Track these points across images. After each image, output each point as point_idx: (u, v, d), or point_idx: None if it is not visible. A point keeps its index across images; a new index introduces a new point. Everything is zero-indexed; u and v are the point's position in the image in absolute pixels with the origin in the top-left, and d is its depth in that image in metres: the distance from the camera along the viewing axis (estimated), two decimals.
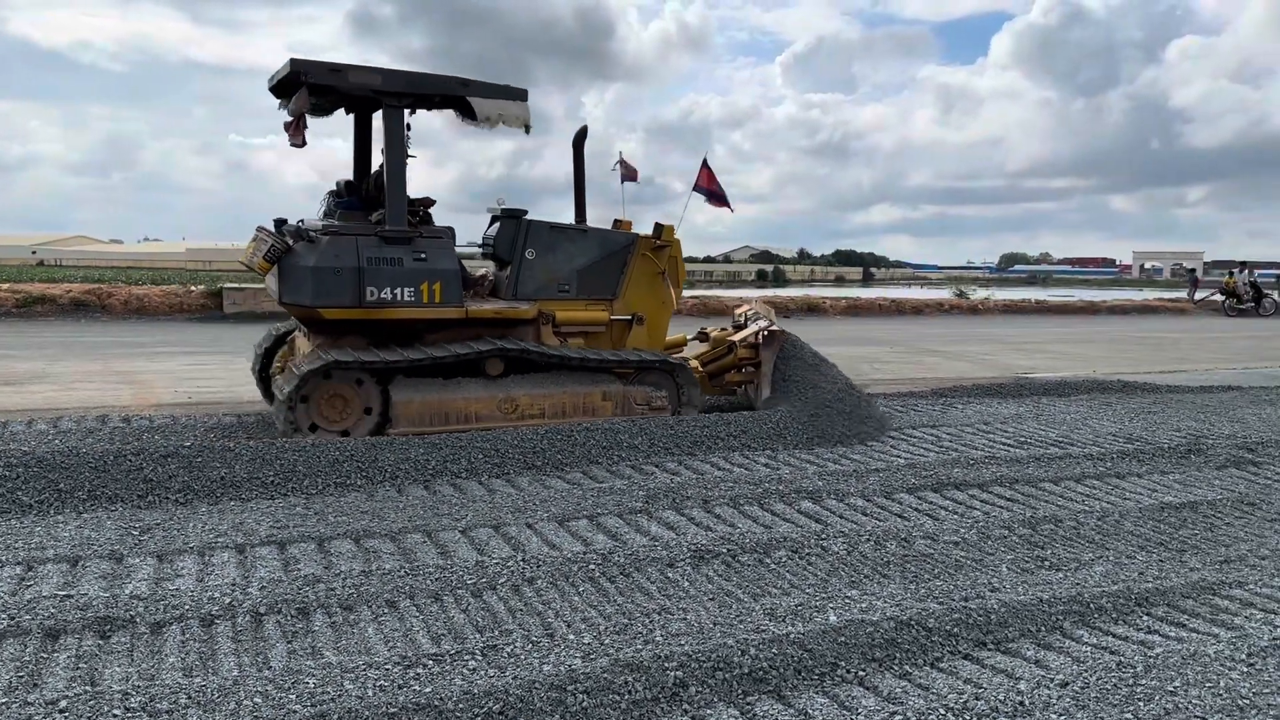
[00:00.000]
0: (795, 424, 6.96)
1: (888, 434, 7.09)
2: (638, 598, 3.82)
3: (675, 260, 7.62)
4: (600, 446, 6.13)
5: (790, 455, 6.39)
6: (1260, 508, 5.41)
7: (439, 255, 6.52)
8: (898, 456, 6.43)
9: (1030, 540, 4.76)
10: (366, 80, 6.30)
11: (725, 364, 8.12)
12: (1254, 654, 3.37)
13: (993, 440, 6.98)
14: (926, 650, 3.41)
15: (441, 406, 6.48)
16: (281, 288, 6.21)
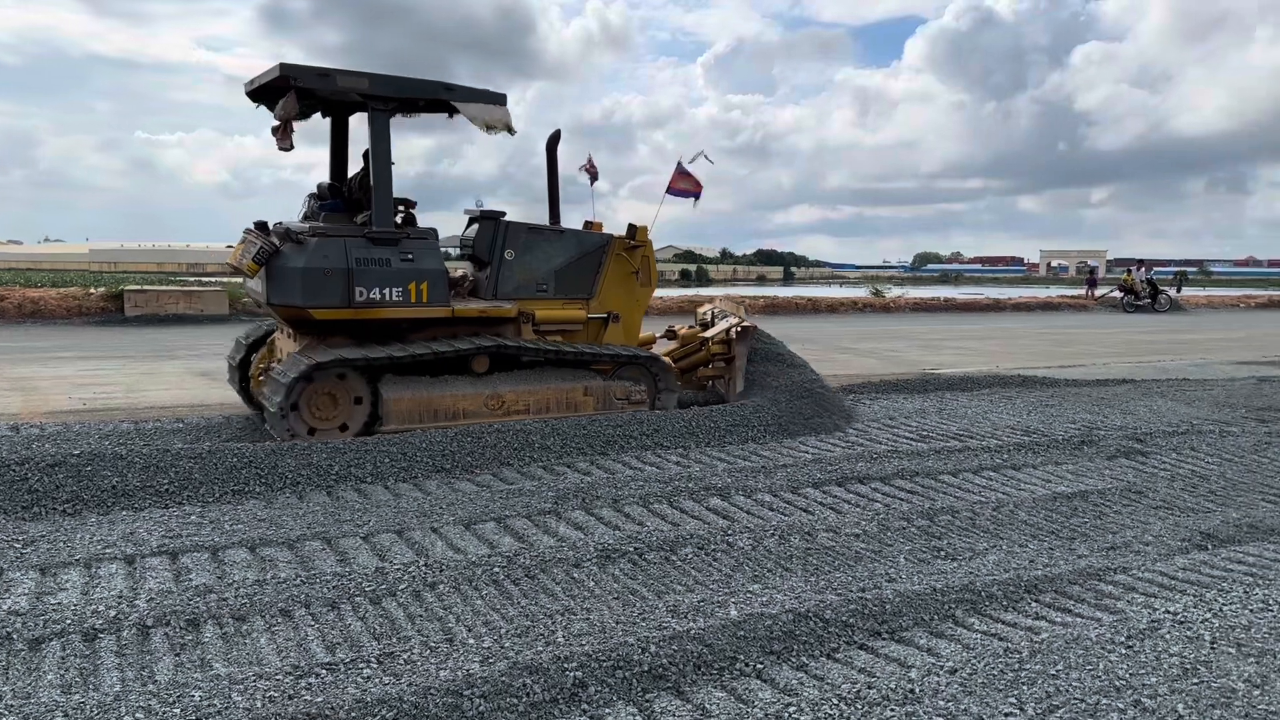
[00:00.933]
0: (768, 414, 7.26)
1: (800, 431, 7.19)
2: (542, 599, 3.81)
3: (648, 260, 7.86)
4: (511, 448, 6.09)
5: (702, 453, 6.44)
6: (1146, 495, 5.65)
7: (425, 256, 6.66)
8: (805, 452, 6.53)
9: (928, 531, 4.88)
10: (354, 84, 6.38)
11: (697, 359, 8.36)
12: (1133, 636, 3.52)
13: (896, 435, 7.14)
14: (823, 641, 3.48)
15: (430, 404, 6.62)
16: (269, 289, 6.29)
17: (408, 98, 6.62)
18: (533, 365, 7.15)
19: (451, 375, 6.84)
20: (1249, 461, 6.50)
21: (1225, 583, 4.15)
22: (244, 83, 6.87)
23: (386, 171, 6.52)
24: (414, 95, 6.62)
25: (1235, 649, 3.41)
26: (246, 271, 6.34)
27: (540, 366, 7.17)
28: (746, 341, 8.15)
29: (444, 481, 5.57)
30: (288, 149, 6.56)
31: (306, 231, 6.37)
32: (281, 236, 6.36)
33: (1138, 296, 25.31)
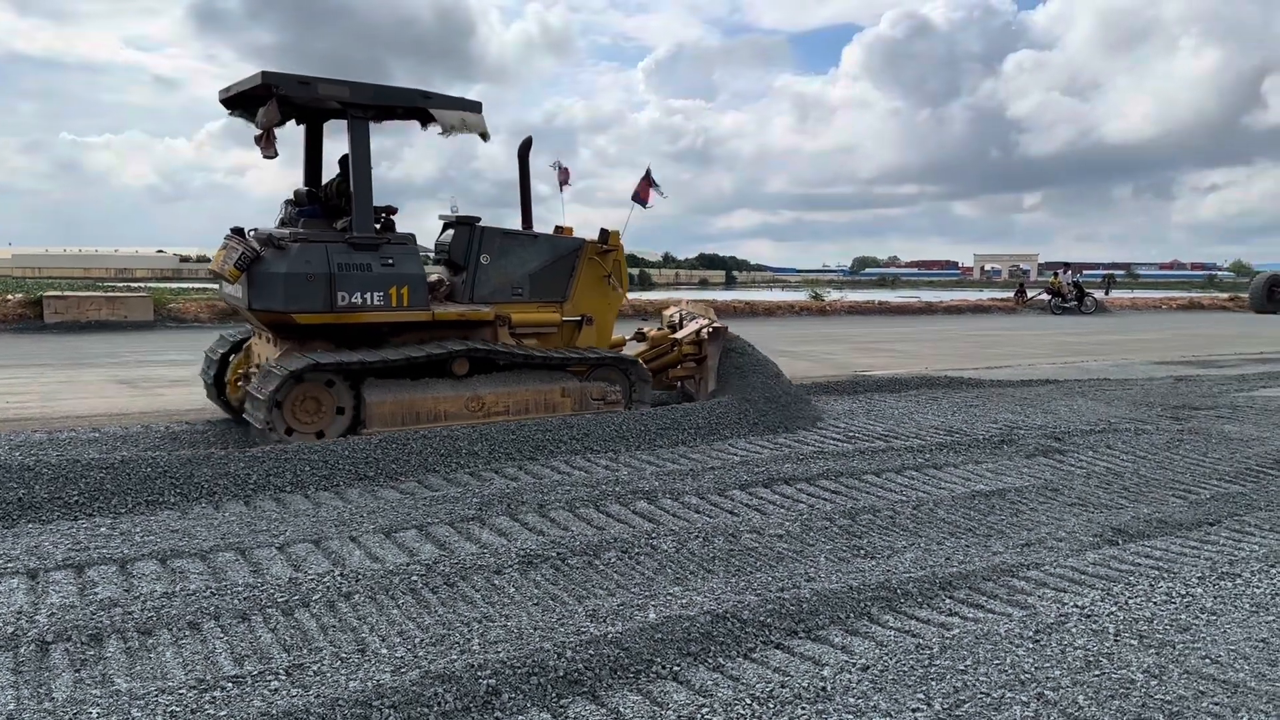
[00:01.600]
0: (741, 412, 7.51)
1: (763, 430, 7.23)
2: (460, 607, 3.77)
3: (619, 264, 8.06)
4: (438, 454, 6.03)
5: (632, 456, 6.44)
6: (1062, 493, 5.79)
7: (405, 260, 6.77)
8: (733, 454, 6.57)
9: (849, 531, 4.94)
10: (335, 93, 6.48)
11: (668, 360, 8.56)
12: (1040, 630, 3.60)
13: (824, 435, 7.23)
14: (740, 641, 3.49)
15: (412, 406, 6.72)
16: (251, 294, 6.38)
17: (387, 105, 6.76)
18: (510, 368, 7.27)
19: (432, 378, 6.93)
20: (1161, 458, 6.71)
21: (1132, 577, 4.27)
22: (220, 89, 6.92)
23: (366, 178, 6.61)
24: (393, 103, 6.76)
25: (1137, 641, 3.51)
26: (228, 277, 6.40)
27: (518, 369, 7.29)
28: (718, 342, 8.34)
29: (366, 489, 5.49)
30: (272, 156, 6.65)
31: (288, 237, 6.42)
32: (263, 242, 6.42)
33: (1064, 299, 26.00)
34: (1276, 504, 5.57)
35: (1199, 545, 4.76)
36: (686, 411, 7.36)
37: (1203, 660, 3.31)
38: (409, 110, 6.95)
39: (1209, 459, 6.68)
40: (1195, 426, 7.83)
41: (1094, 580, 4.22)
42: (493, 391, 7.06)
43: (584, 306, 7.88)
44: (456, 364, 6.99)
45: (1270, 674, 3.20)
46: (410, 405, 6.70)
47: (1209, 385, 10.66)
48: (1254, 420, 8.27)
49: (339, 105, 6.61)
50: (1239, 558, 4.51)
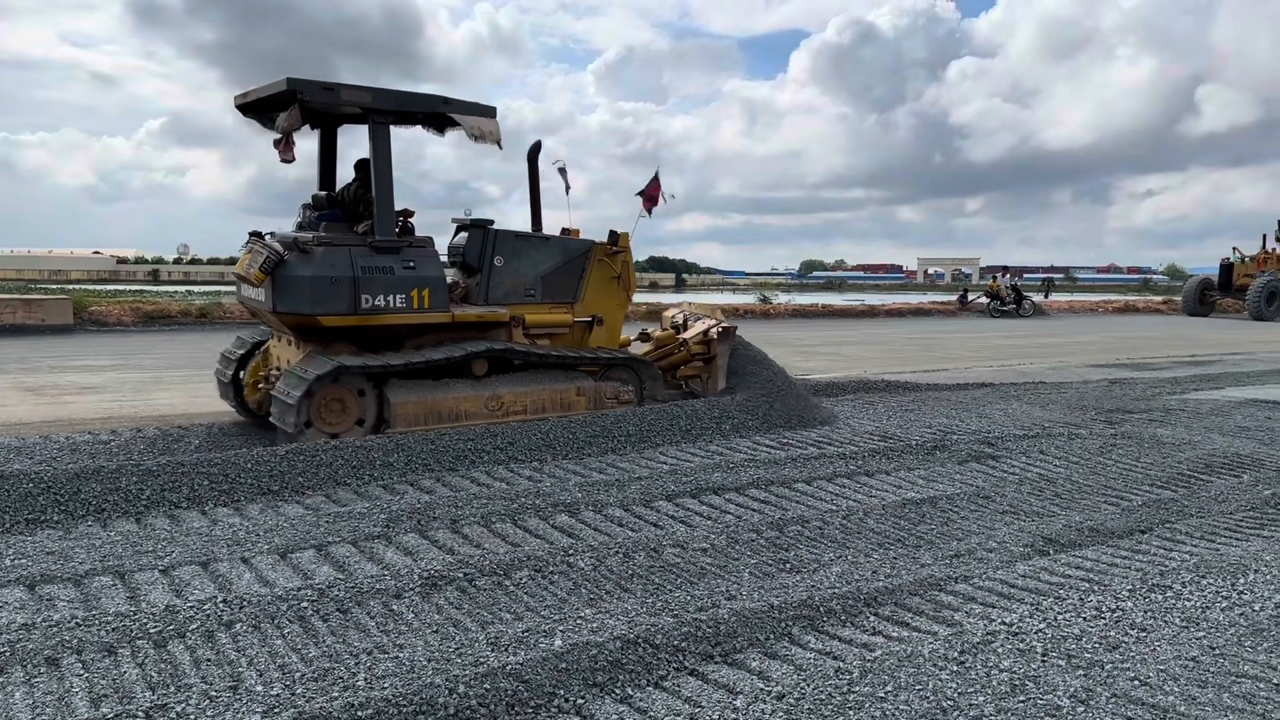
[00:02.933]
0: (752, 409, 7.70)
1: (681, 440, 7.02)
2: (351, 636, 3.49)
3: (627, 265, 8.17)
4: (349, 466, 5.73)
5: (557, 466, 6.20)
6: (994, 500, 5.67)
7: (426, 263, 6.88)
8: (663, 463, 6.36)
9: (776, 543, 4.75)
10: (357, 98, 6.57)
11: (676, 360, 8.65)
12: (965, 651, 3.43)
13: (756, 443, 7.05)
14: (652, 669, 3.27)
15: (435, 406, 6.84)
16: (275, 297, 6.43)
17: (407, 111, 6.88)
18: (526, 368, 7.40)
19: (452, 379, 7.05)
20: (1094, 463, 6.64)
21: (1062, 590, 4.13)
22: (235, 94, 6.98)
23: (388, 182, 6.71)
24: (413, 109, 6.89)
25: (1065, 661, 3.35)
26: (254, 280, 6.46)
27: (534, 369, 7.44)
28: (728, 341, 8.49)
29: (269, 505, 5.17)
30: (290, 160, 6.65)
31: (312, 241, 6.50)
32: (288, 246, 6.47)
33: (1003, 302, 26.29)
34: (1207, 510, 5.51)
35: (1130, 555, 4.65)
36: (618, 419, 7.13)
37: (1131, 682, 3.16)
38: (429, 116, 7.07)
39: (1141, 464, 6.63)
40: (1128, 430, 7.80)
41: (1023, 594, 4.08)
42: (511, 391, 7.21)
43: (594, 307, 8.02)
44: (476, 364, 7.13)
45: (1200, 697, 3.06)
46: (433, 405, 6.83)
47: (1142, 388, 10.72)
48: (1185, 423, 8.28)
49: (360, 110, 6.73)
50: (1170, 568, 4.40)
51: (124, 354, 12.79)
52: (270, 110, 6.75)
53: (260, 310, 6.93)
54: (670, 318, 9.41)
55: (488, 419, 6.99)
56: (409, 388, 6.81)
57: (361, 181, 7.07)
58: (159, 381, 10.12)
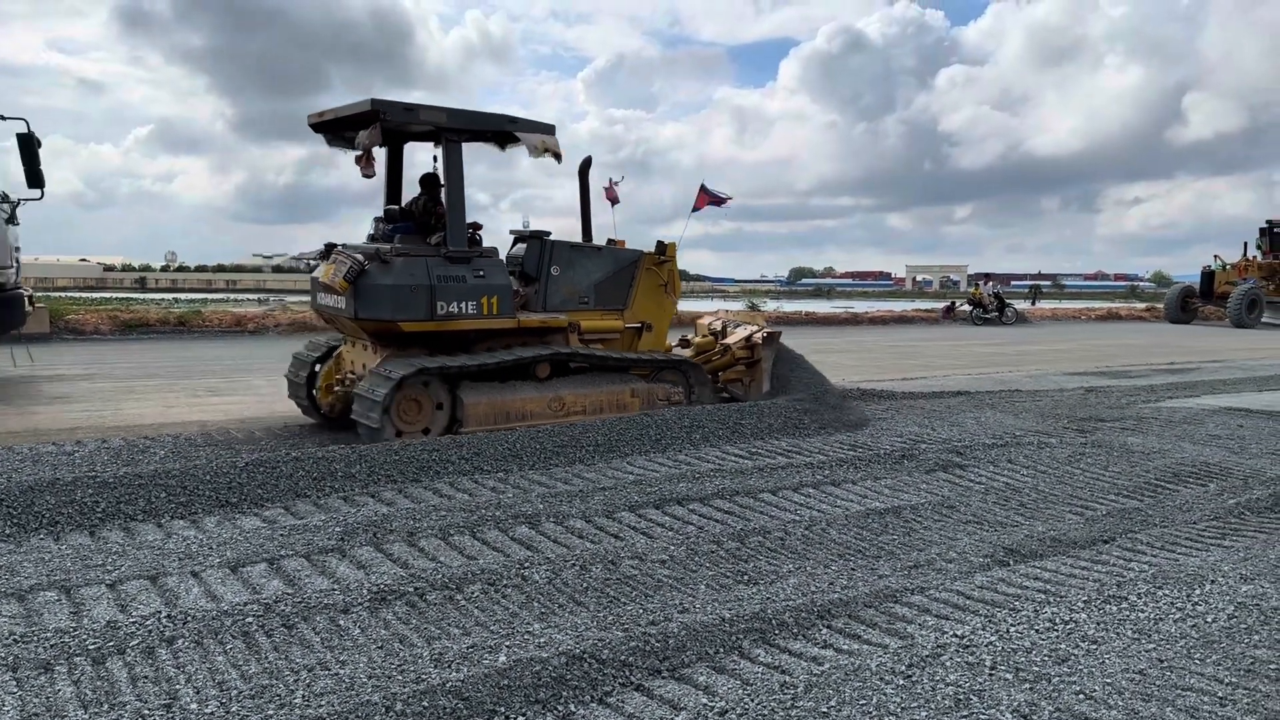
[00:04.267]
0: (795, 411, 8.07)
1: (647, 449, 6.99)
2: (294, 652, 3.44)
3: (673, 274, 8.69)
4: (310, 477, 5.68)
5: (522, 476, 6.15)
6: (958, 509, 5.65)
7: (494, 272, 7.40)
8: (629, 473, 6.32)
9: (736, 554, 4.72)
10: (434, 118, 7.08)
11: (720, 364, 9.06)
12: (914, 664, 3.40)
13: (725, 453, 7.02)
14: (596, 685, 3.24)
15: (503, 406, 7.31)
16: (358, 304, 6.92)
17: (478, 129, 7.42)
18: (582, 371, 7.92)
19: (517, 381, 7.54)
20: (1062, 473, 6.63)
21: (1018, 601, 4.11)
22: (310, 114, 7.49)
23: (460, 195, 7.22)
24: (484, 127, 7.43)
25: (1013, 674, 3.33)
26: (338, 289, 6.88)
27: (591, 372, 7.95)
28: (772, 346, 8.97)
29: (226, 517, 5.11)
30: (371, 175, 7.13)
31: (390, 252, 6.96)
32: (369, 256, 6.92)
33: (985, 310, 26.36)
34: (1171, 520, 5.51)
35: (1089, 566, 4.64)
36: (586, 428, 7.09)
37: (1077, 696, 3.14)
38: (496, 133, 7.57)
39: (1109, 473, 6.63)
40: (1099, 439, 7.80)
41: (978, 606, 4.06)
42: (572, 392, 7.68)
43: (643, 314, 8.49)
44: (539, 367, 7.62)
45: (1143, 710, 3.05)
46: (501, 406, 7.29)
47: (1118, 396, 10.74)
48: (1157, 432, 8.29)
49: (433, 129, 7.22)
50: (1127, 579, 4.39)
51: (98, 363, 12.70)
52: (345, 129, 7.32)
53: (337, 317, 7.40)
54: (708, 325, 9.75)
55: (551, 419, 7.46)
56: (480, 389, 7.27)
57: (430, 195, 7.69)
58: (131, 391, 10.04)
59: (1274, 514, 5.68)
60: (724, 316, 9.94)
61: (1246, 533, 5.28)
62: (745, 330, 9.14)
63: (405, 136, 7.84)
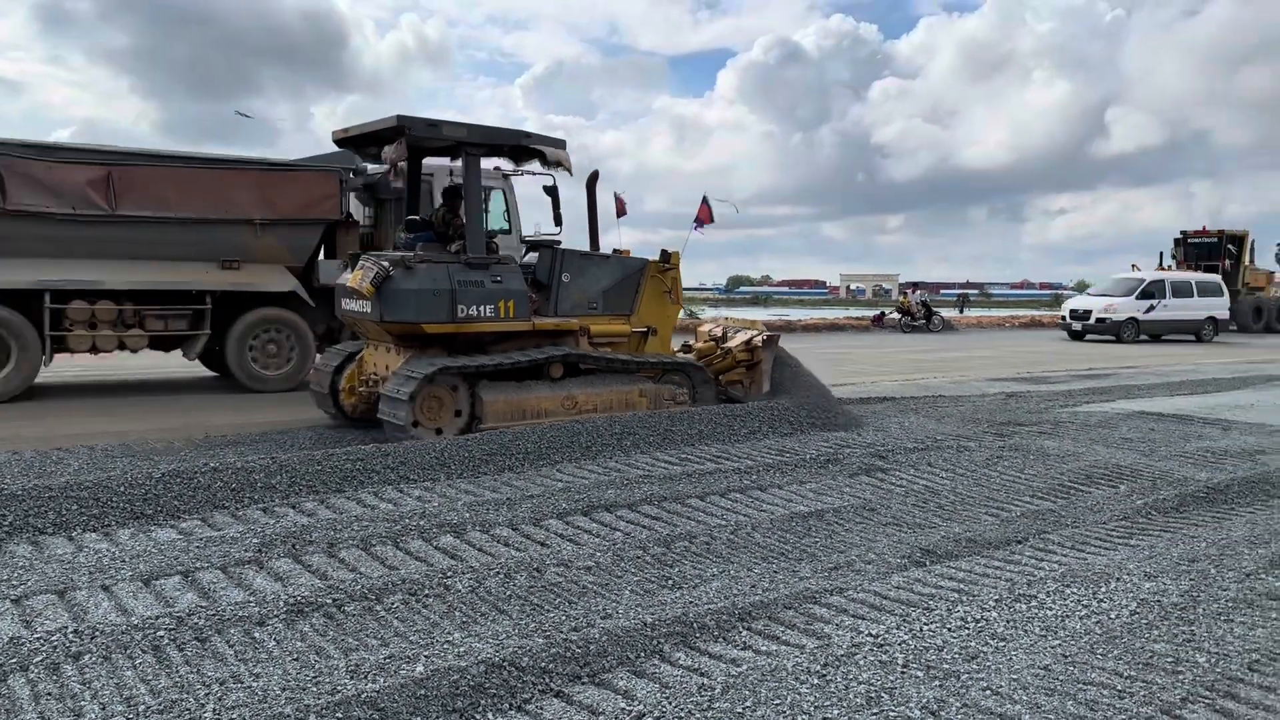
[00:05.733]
0: (793, 411, 8.51)
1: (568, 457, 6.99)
2: (207, 666, 3.37)
3: (677, 281, 9.14)
4: (229, 488, 5.56)
5: (450, 485, 6.11)
6: (879, 512, 5.77)
7: (510, 278, 7.81)
8: (557, 480, 6.32)
9: (661, 560, 4.76)
10: (455, 133, 7.57)
11: (721, 367, 9.48)
12: (829, 664, 3.47)
13: (655, 459, 7.06)
14: (515, 692, 3.24)
15: (520, 404, 7.72)
16: (384, 308, 7.34)
17: (496, 144, 7.89)
18: (591, 372, 8.32)
19: (532, 380, 7.92)
20: (980, 476, 6.81)
21: (932, 600, 4.22)
22: (335, 129, 8.03)
23: (478, 206, 7.68)
24: (501, 142, 7.90)
25: (924, 671, 3.42)
26: (365, 293, 7.34)
27: (601, 373, 8.35)
28: (771, 349, 9.41)
29: (140, 529, 4.99)
30: (400, 186, 8.06)
31: (414, 259, 7.42)
32: (394, 263, 7.35)
33: (913, 318, 26.93)
34: (1082, 520, 5.69)
35: (1002, 565, 4.77)
36: (516, 436, 7.07)
37: (984, 692, 3.24)
38: (513, 148, 8.02)
39: (1025, 475, 6.83)
40: (1016, 443, 8.03)
41: (894, 605, 4.15)
42: (584, 392, 8.09)
43: (648, 319, 8.93)
44: (553, 367, 8.00)
45: (1045, 704, 3.15)
46: (518, 404, 7.69)
47: (1036, 401, 11.07)
48: (1073, 436, 8.56)
49: (453, 143, 7.69)
50: (1037, 578, 4.53)
51: None
52: (369, 144, 7.87)
53: (362, 320, 7.87)
54: (708, 331, 10.15)
55: (564, 416, 7.84)
56: (498, 388, 7.67)
57: (449, 207, 8.20)
58: (50, 401, 9.71)
59: (1179, 514, 5.91)
60: (724, 323, 10.45)
61: (1152, 532, 5.48)
62: (745, 335, 9.61)
63: (425, 151, 8.27)
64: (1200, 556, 4.86)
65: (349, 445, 6.96)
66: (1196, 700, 3.23)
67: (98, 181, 9.48)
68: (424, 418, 7.31)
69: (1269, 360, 18.35)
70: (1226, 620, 3.98)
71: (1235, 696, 3.26)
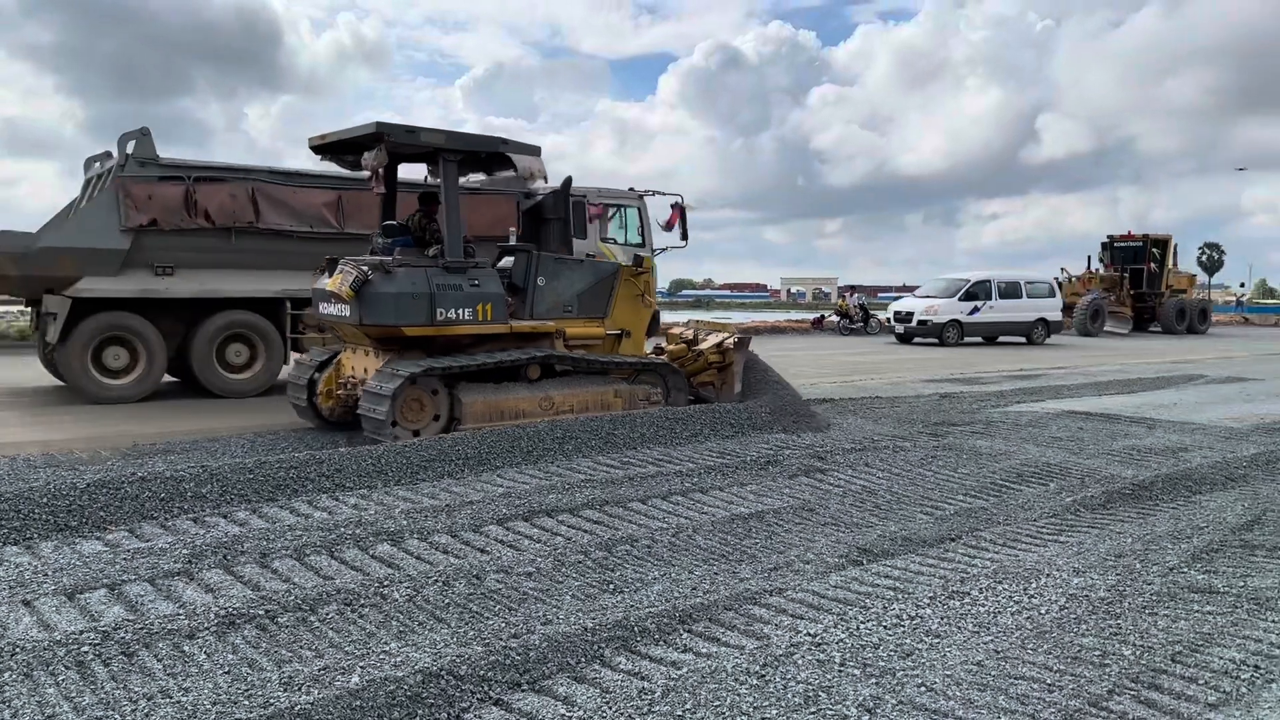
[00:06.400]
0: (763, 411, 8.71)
1: (509, 463, 6.94)
2: (133, 681, 3.27)
3: (649, 285, 9.47)
4: (157, 498, 5.42)
5: (387, 492, 6.03)
6: (818, 512, 5.83)
7: (487, 281, 7.94)
8: (497, 486, 6.28)
9: (603, 564, 4.75)
10: (433, 140, 7.71)
11: (695, 368, 9.62)
12: (768, 664, 3.50)
13: (597, 463, 7.05)
14: (454, 701, 3.20)
15: (498, 405, 7.85)
16: (363, 311, 7.41)
17: (472, 150, 8.04)
18: (568, 373, 8.48)
19: (510, 382, 8.08)
20: (915, 475, 6.93)
21: (869, 599, 4.27)
22: (311, 136, 8.22)
23: (456, 211, 7.78)
24: (478, 148, 8.06)
25: (861, 670, 3.46)
26: (345, 297, 7.38)
27: (577, 374, 8.52)
28: (743, 350, 9.59)
29: (65, 541, 4.83)
30: (382, 193, 8.26)
31: (393, 263, 7.51)
32: (373, 267, 7.41)
33: (851, 320, 27.32)
34: (1013, 518, 5.82)
35: (936, 563, 4.86)
36: (455, 441, 7.00)
37: (918, 689, 3.29)
38: (490, 155, 8.15)
39: (958, 474, 6.96)
40: (950, 443, 8.19)
41: (832, 604, 4.20)
42: (560, 393, 8.24)
43: (622, 321, 9.17)
44: (531, 369, 8.17)
45: (978, 700, 3.21)
46: (496, 405, 7.82)
47: (969, 401, 11.30)
48: (1004, 435, 8.76)
49: (431, 150, 7.81)
50: (970, 575, 4.62)
51: None
52: (346, 151, 8.08)
53: (340, 324, 7.99)
54: (679, 334, 10.33)
55: (542, 416, 7.98)
56: (476, 389, 7.81)
57: (425, 213, 8.38)
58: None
59: (1106, 510, 6.08)
60: (695, 326, 10.63)
61: (1081, 528, 5.62)
62: (717, 337, 9.80)
63: (403, 157, 8.39)
64: (1126, 552, 5.00)
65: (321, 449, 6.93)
66: (1122, 691, 3.32)
67: (330, 204, 11.09)
68: (403, 419, 7.41)
69: (1057, 367, 18.98)
70: (1151, 613, 4.10)
71: (1159, 687, 3.36)
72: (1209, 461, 7.54)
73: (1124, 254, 32.00)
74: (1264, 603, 4.22)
